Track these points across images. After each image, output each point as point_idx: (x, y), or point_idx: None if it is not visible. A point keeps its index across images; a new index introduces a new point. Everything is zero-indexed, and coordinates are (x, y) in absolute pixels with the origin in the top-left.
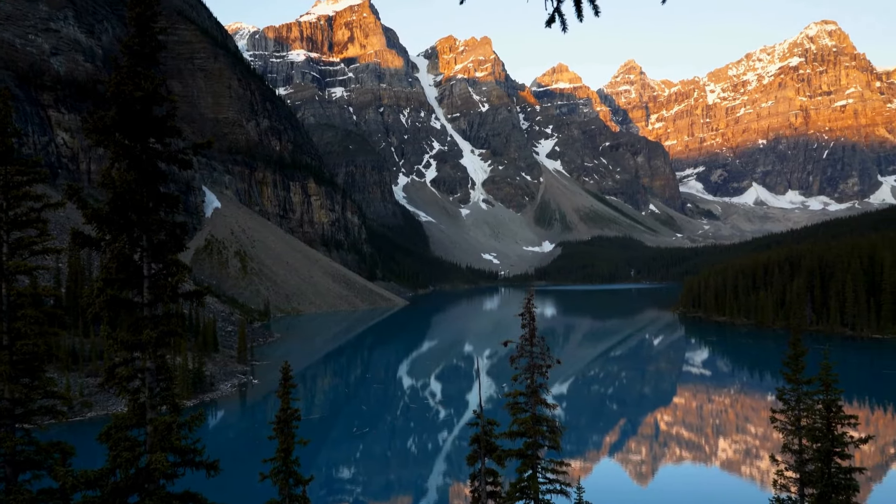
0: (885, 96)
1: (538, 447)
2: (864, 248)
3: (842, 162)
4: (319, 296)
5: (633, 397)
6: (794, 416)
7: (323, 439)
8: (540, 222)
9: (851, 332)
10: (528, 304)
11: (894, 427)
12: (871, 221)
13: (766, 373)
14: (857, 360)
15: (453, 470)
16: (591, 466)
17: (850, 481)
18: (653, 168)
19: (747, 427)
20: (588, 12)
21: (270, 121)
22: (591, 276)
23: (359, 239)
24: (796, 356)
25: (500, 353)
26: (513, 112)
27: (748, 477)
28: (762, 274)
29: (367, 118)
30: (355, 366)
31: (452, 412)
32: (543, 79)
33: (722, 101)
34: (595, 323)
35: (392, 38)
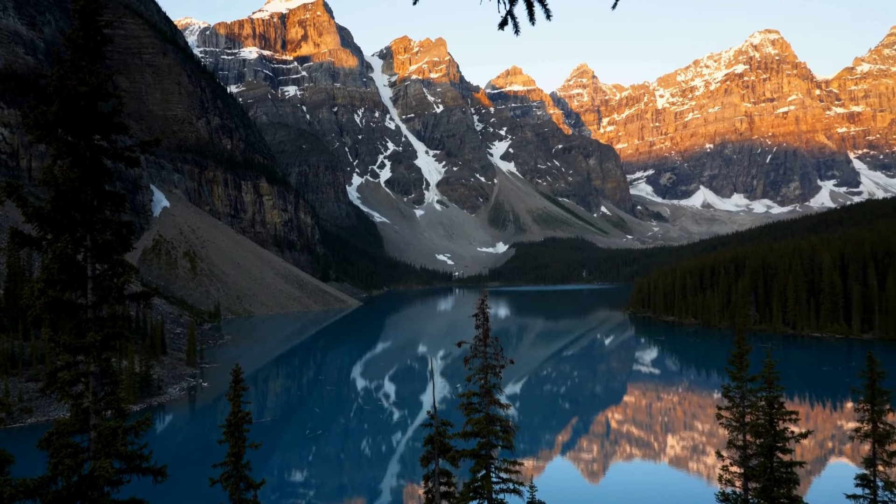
0: (825, 104)
1: (492, 447)
2: (804, 250)
3: (784, 167)
4: (271, 297)
5: (584, 396)
6: (738, 413)
7: (275, 442)
8: (494, 223)
9: (793, 330)
10: (482, 305)
11: (832, 422)
12: (811, 224)
13: (713, 371)
14: (797, 358)
15: (407, 471)
16: (544, 465)
17: (790, 475)
18: (604, 171)
19: (695, 424)
20: (540, 16)
21: (222, 119)
22: (544, 276)
23: (312, 239)
24: (741, 355)
25: (454, 353)
26: (467, 114)
27: (695, 472)
28: (709, 275)
29: (321, 118)
30: (308, 368)
31: (406, 413)
32: (498, 81)
33: (671, 105)
34: (548, 323)
35: (346, 38)
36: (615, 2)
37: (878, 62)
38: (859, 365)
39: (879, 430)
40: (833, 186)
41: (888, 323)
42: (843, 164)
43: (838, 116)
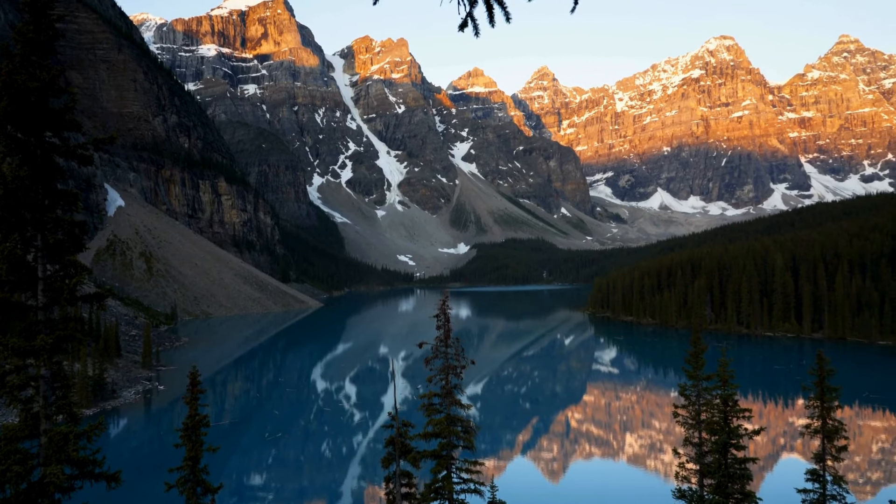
0: (777, 109)
1: (453, 447)
2: (757, 251)
3: (738, 170)
4: (230, 298)
5: (545, 396)
6: (694, 411)
7: (233, 446)
8: (455, 224)
9: (747, 330)
10: (443, 306)
11: (784, 419)
12: (764, 226)
13: (670, 370)
14: (751, 357)
15: (368, 473)
16: (505, 465)
17: (744, 471)
18: (564, 172)
19: (652, 422)
20: (500, 18)
21: (179, 117)
22: (505, 277)
23: (272, 240)
24: (697, 354)
25: (415, 354)
26: (429, 114)
27: (653, 470)
28: (666, 275)
29: (281, 117)
30: (268, 370)
31: (367, 415)
32: (459, 82)
33: (630, 109)
34: (509, 324)
35: (307, 36)
36: (573, 5)
37: (828, 69)
38: (810, 363)
39: (828, 426)
40: (785, 189)
41: (837, 322)
42: (795, 168)
43: (790, 121)
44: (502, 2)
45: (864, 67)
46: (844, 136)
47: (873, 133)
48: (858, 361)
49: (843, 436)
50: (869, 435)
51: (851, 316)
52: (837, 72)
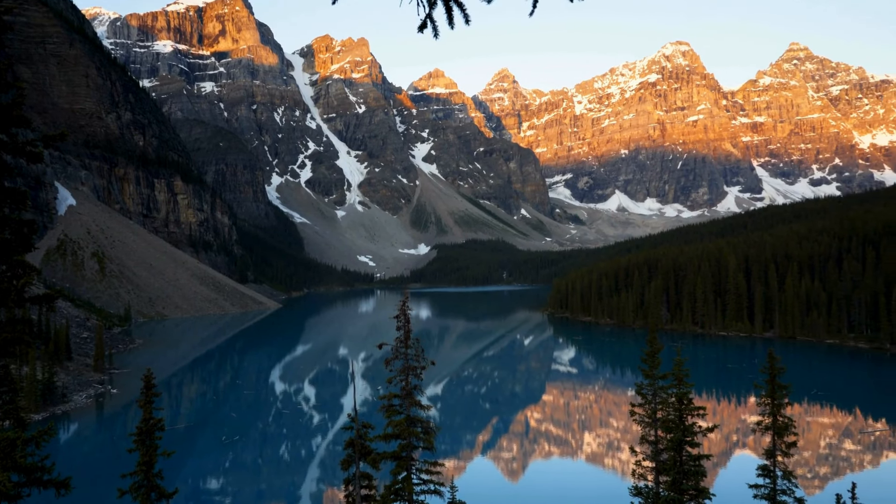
0: (731, 114)
1: (413, 449)
2: (712, 252)
3: (693, 173)
4: (186, 299)
5: (505, 396)
6: (650, 410)
7: (189, 450)
8: (416, 225)
9: (701, 329)
10: (403, 307)
11: (737, 416)
12: (719, 228)
13: (627, 369)
14: (705, 356)
15: (327, 475)
16: (465, 465)
17: (698, 467)
18: (524, 174)
19: (610, 421)
20: (459, 20)
21: (133, 114)
22: (466, 278)
23: (229, 240)
24: (653, 353)
25: (375, 355)
26: (389, 115)
27: (610, 468)
28: (623, 276)
29: (240, 115)
30: (225, 372)
31: (327, 417)
32: (420, 83)
33: (588, 111)
34: (469, 324)
35: (266, 34)
36: (532, 9)
37: (779, 76)
38: (761, 362)
39: (779, 422)
40: (738, 192)
41: (787, 322)
42: (748, 172)
43: (743, 126)
44: (461, 3)
45: (813, 74)
46: (794, 140)
47: (821, 138)
48: (807, 360)
49: (793, 432)
50: (817, 431)
51: (801, 316)
52: (788, 78)
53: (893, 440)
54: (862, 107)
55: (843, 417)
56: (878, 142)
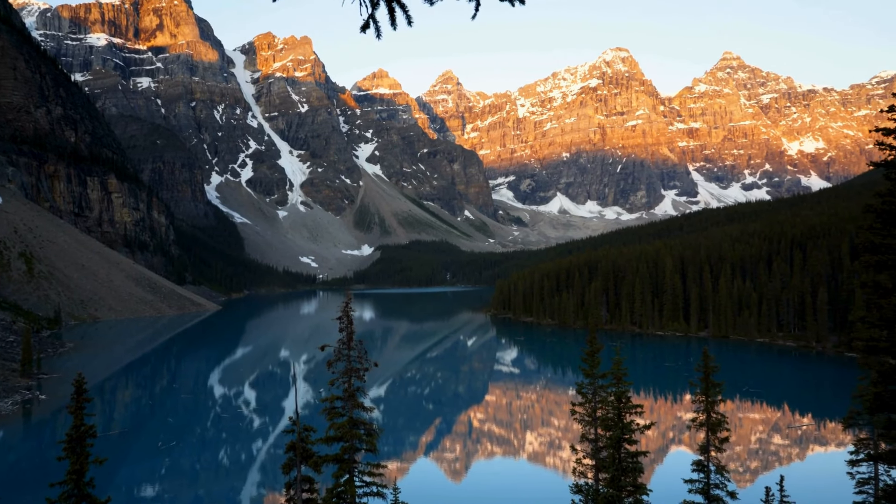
0: (668, 119)
1: (355, 451)
2: (649, 254)
3: (632, 176)
4: (120, 301)
5: (448, 397)
6: (591, 408)
7: (123, 456)
8: (359, 226)
9: (639, 329)
10: (346, 308)
11: (673, 414)
12: (656, 230)
13: (568, 369)
14: (643, 355)
15: (268, 480)
16: (408, 467)
17: (636, 464)
18: (468, 176)
19: (551, 420)
20: (401, 21)
21: (64, 109)
22: (409, 279)
23: (166, 240)
24: (593, 353)
25: (317, 357)
26: (333, 114)
27: (552, 466)
28: (565, 277)
29: (178, 112)
30: (161, 376)
31: (268, 420)
32: (364, 83)
33: (531, 115)
34: (412, 325)
35: (206, 30)
36: (474, 12)
37: (713, 83)
38: (696, 360)
39: (712, 419)
40: (675, 196)
41: (720, 322)
42: (684, 176)
43: (679, 131)
44: (403, 4)
45: (745, 83)
46: (728, 146)
47: (753, 144)
48: (739, 358)
49: (726, 428)
50: (748, 427)
51: (733, 315)
52: (722, 86)
53: (819, 435)
54: (790, 115)
55: (773, 413)
56: (805, 149)
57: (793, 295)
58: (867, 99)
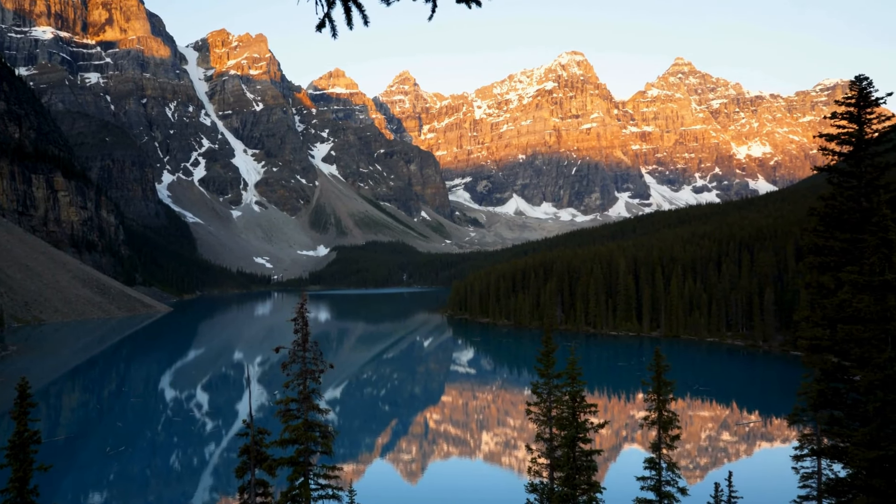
0: (621, 123)
1: (310, 453)
2: (603, 255)
3: (587, 178)
4: (67, 303)
5: (404, 398)
6: (546, 408)
7: (69, 463)
8: (315, 226)
9: (594, 329)
10: (301, 309)
11: (626, 412)
12: (610, 232)
13: (524, 369)
14: (598, 355)
15: (221, 484)
16: (364, 469)
17: (590, 463)
18: (425, 176)
19: (507, 420)
20: (358, 20)
21: (8, 104)
22: (366, 280)
23: (115, 240)
24: (548, 353)
25: (271, 359)
26: (288, 113)
27: (508, 466)
28: (520, 278)
29: (128, 109)
30: (110, 379)
31: (221, 423)
32: (320, 82)
33: (488, 116)
34: (368, 326)
35: (157, 25)
36: (431, 13)
37: (665, 88)
38: (649, 360)
39: (664, 417)
40: (628, 198)
41: (672, 321)
42: (637, 178)
43: (633, 135)
44: (360, 4)
45: (696, 88)
46: (679, 150)
47: (703, 148)
48: (690, 357)
49: (677, 426)
50: (698, 424)
51: (684, 315)
52: (673, 91)
53: (765, 431)
54: (739, 120)
55: (722, 411)
56: (752, 153)
57: (741, 295)
58: (811, 106)
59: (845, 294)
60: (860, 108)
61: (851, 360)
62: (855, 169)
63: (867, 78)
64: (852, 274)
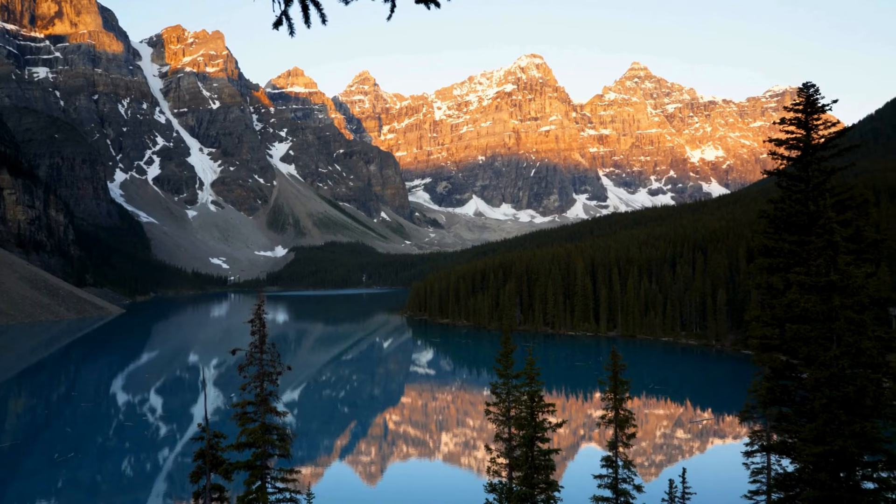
0: (579, 126)
1: (268, 457)
2: (561, 256)
3: (545, 180)
4: (13, 305)
5: (363, 399)
6: (505, 408)
7: (14, 470)
8: (273, 226)
9: (552, 330)
10: (258, 310)
11: (583, 411)
12: (568, 233)
13: (483, 369)
14: (555, 355)
15: (175, 489)
16: (322, 471)
17: (548, 462)
18: (384, 177)
19: (466, 420)
20: (316, 18)
21: None
22: (325, 281)
23: (65, 240)
24: (507, 354)
25: (228, 361)
26: (246, 112)
27: (467, 467)
28: (480, 279)
29: (79, 105)
30: (58, 383)
31: (175, 428)
32: (279, 81)
33: (448, 118)
34: (327, 328)
35: (110, 20)
36: (390, 13)
37: (622, 92)
38: (606, 359)
39: (620, 416)
40: (586, 200)
41: (628, 322)
42: (594, 181)
43: (590, 138)
44: (318, 3)
45: (651, 93)
46: (635, 153)
47: (659, 151)
48: (646, 356)
49: (633, 424)
50: (654, 422)
51: (640, 316)
52: (630, 95)
53: (718, 428)
54: (693, 124)
55: (676, 409)
56: (706, 157)
57: (695, 296)
58: (762, 111)
59: (793, 294)
60: (807, 115)
61: (799, 359)
62: (802, 173)
63: (814, 85)
64: (800, 275)
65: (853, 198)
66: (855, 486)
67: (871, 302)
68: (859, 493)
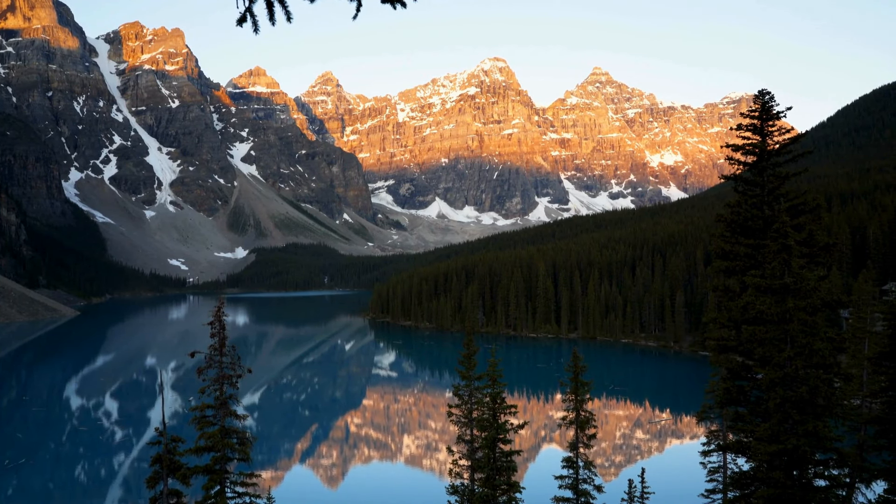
0: (542, 129)
1: (227, 461)
2: (524, 259)
3: (508, 183)
4: None
5: (324, 402)
6: (467, 410)
7: None
8: (233, 227)
9: (514, 332)
10: (218, 313)
11: (545, 413)
12: (530, 236)
13: (445, 371)
14: (518, 357)
15: (131, 495)
16: (283, 475)
17: (510, 463)
18: (347, 178)
19: (429, 423)
20: (280, 17)
21: None
22: (286, 283)
23: (16, 240)
24: (469, 356)
25: (186, 364)
26: (206, 111)
27: (429, 469)
28: (443, 281)
29: (32, 102)
30: (8, 388)
31: (131, 432)
32: (240, 80)
33: (411, 119)
34: (288, 330)
35: (65, 15)
36: (356, 13)
37: (584, 97)
38: (567, 361)
39: (581, 417)
40: (547, 203)
41: (589, 323)
42: (556, 184)
43: (552, 141)
44: (283, 0)
45: (612, 97)
46: (596, 157)
47: (619, 156)
48: (606, 358)
49: (593, 425)
50: (614, 423)
51: (601, 318)
52: (591, 99)
53: (676, 428)
54: (652, 129)
55: (635, 409)
56: (665, 161)
57: (654, 298)
58: (719, 117)
59: (749, 297)
60: (763, 121)
61: (755, 360)
62: (758, 178)
63: (769, 93)
64: (755, 278)
65: (806, 203)
66: (807, 483)
67: (824, 304)
68: (811, 490)
